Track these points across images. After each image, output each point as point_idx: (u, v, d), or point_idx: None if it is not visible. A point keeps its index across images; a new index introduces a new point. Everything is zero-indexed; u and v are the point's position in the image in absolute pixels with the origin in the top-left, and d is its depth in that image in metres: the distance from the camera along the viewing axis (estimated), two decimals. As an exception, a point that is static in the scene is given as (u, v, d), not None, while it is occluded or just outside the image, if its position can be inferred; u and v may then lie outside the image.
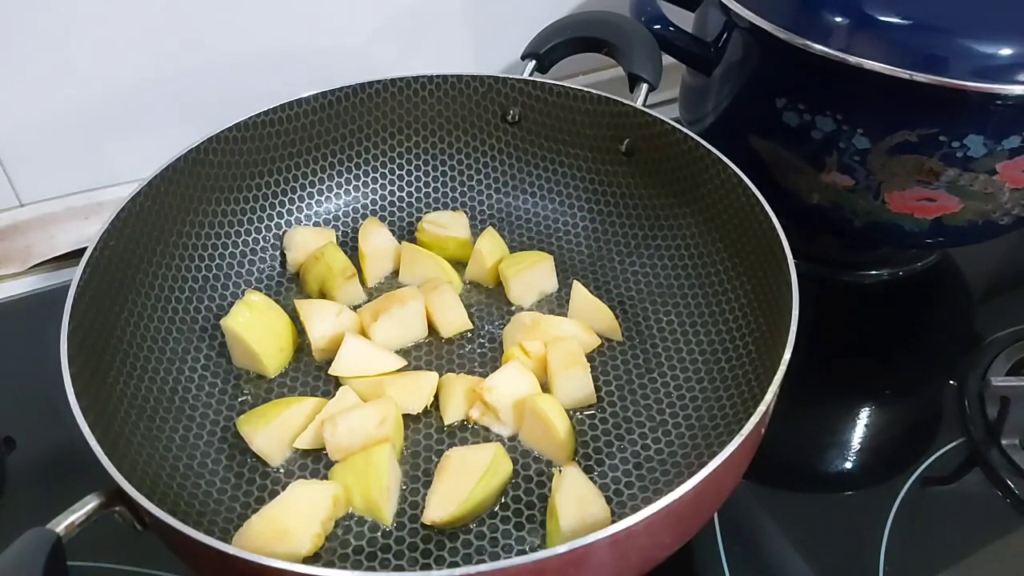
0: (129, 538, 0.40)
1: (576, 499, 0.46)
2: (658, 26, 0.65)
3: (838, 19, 0.54)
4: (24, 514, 0.51)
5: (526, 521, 0.48)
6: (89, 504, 0.38)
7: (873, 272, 0.70)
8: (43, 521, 0.41)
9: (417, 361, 0.57)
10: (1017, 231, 0.62)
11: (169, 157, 0.55)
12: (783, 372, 0.42)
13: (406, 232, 0.66)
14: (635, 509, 0.41)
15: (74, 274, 0.47)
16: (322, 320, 0.56)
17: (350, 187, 0.66)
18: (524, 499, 0.49)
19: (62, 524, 0.37)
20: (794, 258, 0.48)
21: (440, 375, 0.54)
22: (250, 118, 0.59)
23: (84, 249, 0.49)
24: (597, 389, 0.54)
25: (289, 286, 0.62)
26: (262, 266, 0.62)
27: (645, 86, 0.62)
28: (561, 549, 0.34)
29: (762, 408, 0.41)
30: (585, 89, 0.62)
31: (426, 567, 0.45)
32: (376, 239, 0.62)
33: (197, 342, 0.56)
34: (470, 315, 0.59)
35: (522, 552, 0.46)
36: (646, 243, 0.63)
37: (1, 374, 0.61)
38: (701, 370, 0.55)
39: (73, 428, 0.40)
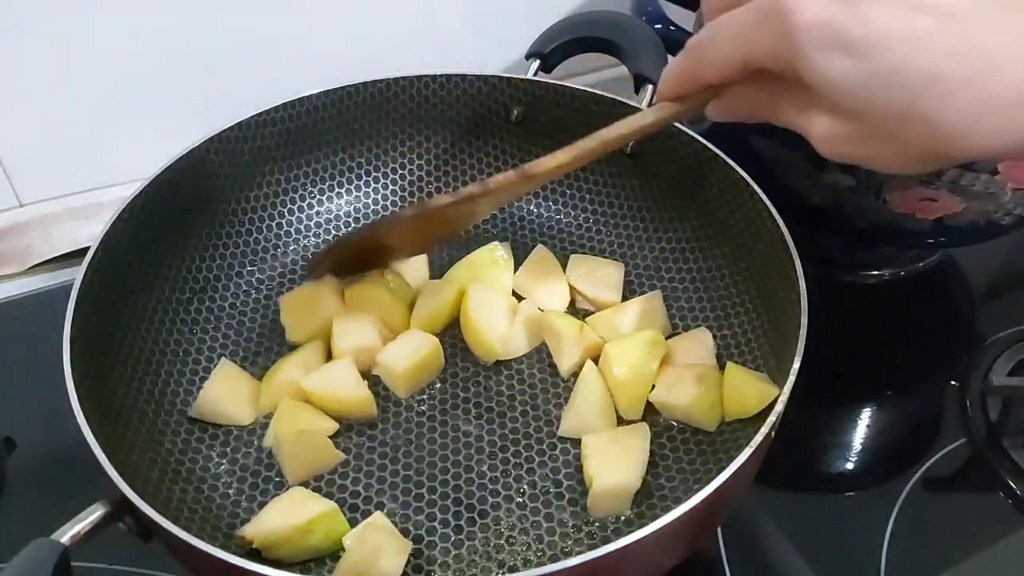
0: (132, 541, 0.40)
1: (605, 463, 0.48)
2: (659, 25, 0.65)
3: (840, 19, 0.54)
4: (24, 515, 0.52)
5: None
6: (94, 514, 0.38)
7: (874, 272, 0.70)
8: (43, 522, 0.41)
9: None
10: (1019, 231, 0.61)
11: (170, 156, 0.55)
12: (792, 381, 0.42)
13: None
14: (644, 520, 0.41)
15: (75, 276, 0.47)
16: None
17: (351, 186, 0.66)
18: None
19: (67, 534, 0.37)
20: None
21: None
22: (252, 117, 0.59)
23: (84, 249, 0.48)
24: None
25: (290, 286, 0.61)
26: (263, 266, 0.62)
27: (651, 87, 0.62)
28: (572, 562, 0.34)
29: (772, 418, 0.40)
30: (590, 90, 0.61)
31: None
32: None
33: (198, 343, 0.56)
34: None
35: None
36: (650, 245, 0.62)
37: (1, 374, 0.61)
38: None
39: (73, 429, 0.40)
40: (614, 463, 0.48)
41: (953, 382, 0.61)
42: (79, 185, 0.71)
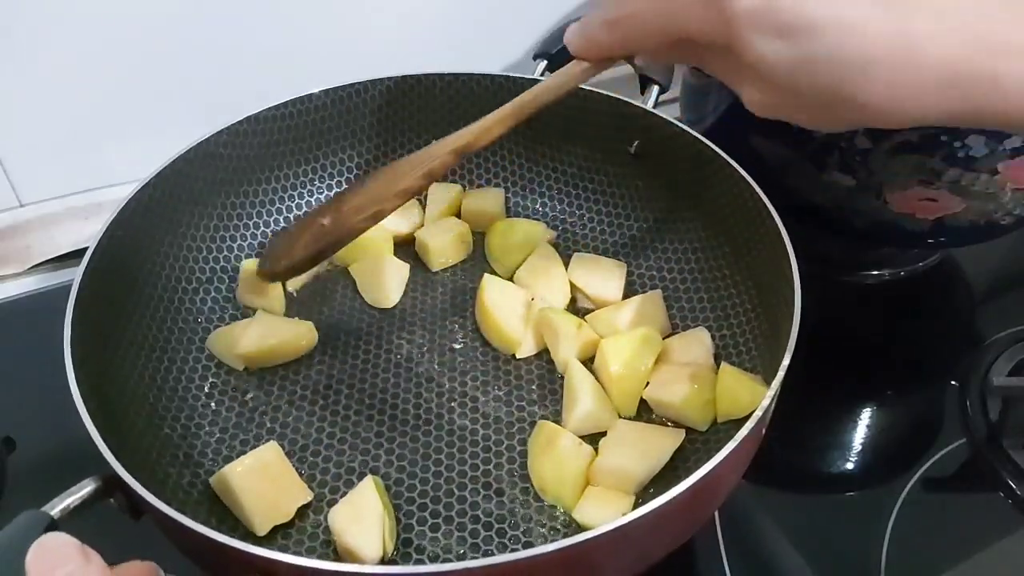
0: (124, 529, 0.40)
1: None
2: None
3: (840, 19, 0.54)
4: (24, 515, 0.52)
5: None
6: (85, 488, 0.38)
7: (874, 272, 0.70)
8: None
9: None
10: (1019, 231, 0.61)
11: (173, 153, 0.55)
12: (782, 376, 0.42)
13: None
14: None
15: (77, 270, 0.47)
16: None
17: (352, 187, 0.66)
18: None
19: (57, 507, 0.37)
20: (795, 258, 0.48)
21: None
22: (260, 112, 0.59)
23: (84, 250, 0.49)
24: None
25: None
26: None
27: (656, 88, 0.62)
28: (555, 546, 0.34)
29: (758, 413, 0.40)
30: (595, 90, 0.61)
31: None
32: None
33: (199, 341, 0.56)
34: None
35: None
36: (652, 245, 0.62)
37: (1, 374, 0.61)
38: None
39: (73, 429, 0.40)
40: (628, 449, 0.48)
41: (953, 382, 0.61)
42: (79, 185, 0.71)
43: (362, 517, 0.45)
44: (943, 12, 0.29)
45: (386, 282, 0.60)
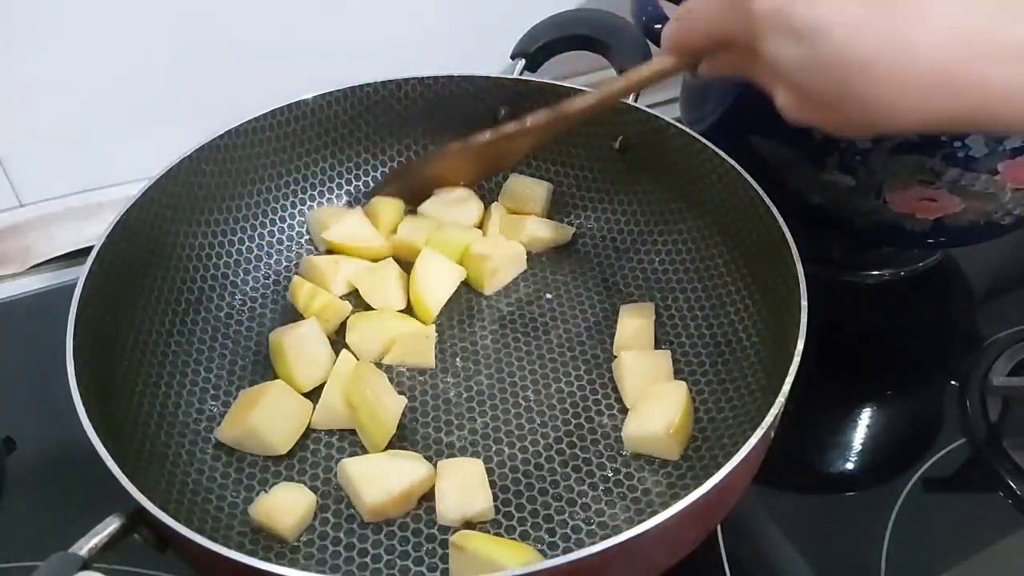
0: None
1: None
2: (659, 25, 0.65)
3: (840, 18, 0.53)
4: (24, 515, 0.52)
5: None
6: (111, 526, 0.38)
7: (874, 272, 0.70)
8: (43, 522, 0.41)
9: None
10: (1019, 231, 0.61)
11: (165, 163, 0.54)
12: (790, 382, 0.42)
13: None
14: (642, 516, 0.40)
15: (74, 277, 0.47)
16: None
17: (341, 191, 0.65)
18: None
19: (85, 547, 0.36)
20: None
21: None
22: (243, 124, 0.58)
23: (84, 250, 0.48)
24: (600, 389, 0.54)
25: (285, 291, 0.61)
26: (256, 274, 0.61)
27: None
28: (567, 558, 0.34)
29: (768, 419, 0.40)
30: (574, 86, 0.61)
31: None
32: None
33: (196, 354, 0.56)
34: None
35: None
36: (642, 239, 0.63)
37: (1, 374, 0.61)
38: (705, 362, 0.55)
39: (73, 429, 0.40)
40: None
41: (953, 382, 0.61)
42: (79, 185, 0.71)
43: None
44: (930, 15, 0.30)
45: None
